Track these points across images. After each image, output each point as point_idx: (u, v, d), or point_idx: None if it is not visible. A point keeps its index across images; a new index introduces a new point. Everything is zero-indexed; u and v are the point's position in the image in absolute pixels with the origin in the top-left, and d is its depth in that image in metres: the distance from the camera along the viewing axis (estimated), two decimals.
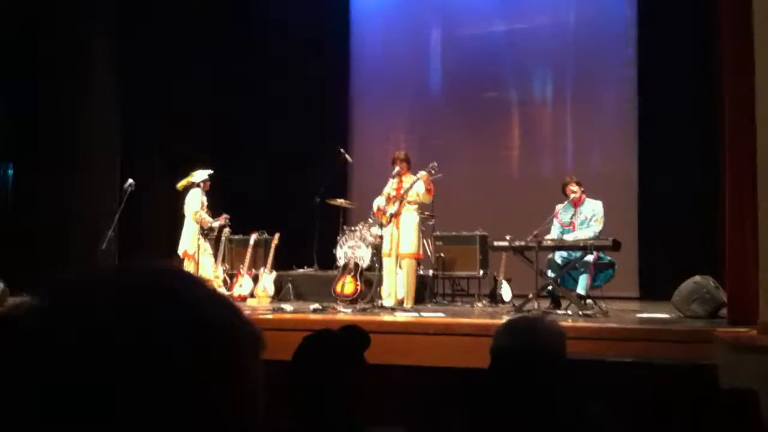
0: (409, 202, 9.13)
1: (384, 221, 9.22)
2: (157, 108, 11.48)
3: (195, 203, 9.93)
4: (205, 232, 10.07)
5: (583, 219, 8.92)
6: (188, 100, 12.04)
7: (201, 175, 10.05)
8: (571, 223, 8.97)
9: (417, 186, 9.07)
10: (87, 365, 0.69)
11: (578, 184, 9.01)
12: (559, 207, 9.07)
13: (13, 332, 0.73)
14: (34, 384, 0.69)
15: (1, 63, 10.47)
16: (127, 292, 0.75)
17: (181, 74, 11.90)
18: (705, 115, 9.57)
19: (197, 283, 0.81)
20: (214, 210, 10.21)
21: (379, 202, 9.35)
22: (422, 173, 9.09)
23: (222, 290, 9.50)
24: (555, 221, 9.06)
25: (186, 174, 10.13)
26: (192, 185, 10.04)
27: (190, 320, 0.75)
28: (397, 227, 9.08)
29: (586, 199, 9.00)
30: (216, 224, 10.15)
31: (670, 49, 11.37)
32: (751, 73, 6.45)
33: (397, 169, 9.27)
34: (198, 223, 9.90)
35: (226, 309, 0.80)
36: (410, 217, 9.13)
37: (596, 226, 8.80)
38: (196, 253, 9.82)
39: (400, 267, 9.10)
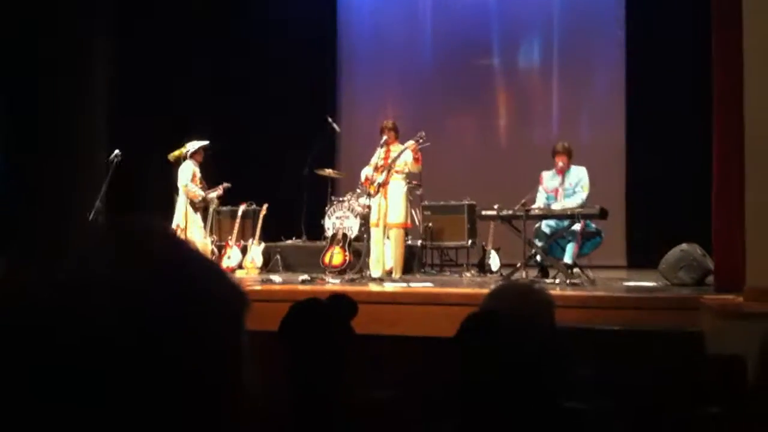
0: (396, 172, 9.11)
1: (372, 191, 9.20)
2: (154, 105, 11.44)
3: (185, 176, 9.84)
4: (196, 205, 9.97)
5: (567, 185, 8.91)
6: (181, 69, 12.00)
7: (193, 145, 9.94)
8: (555, 190, 8.96)
9: (405, 155, 9.04)
10: (79, 354, 0.68)
11: (569, 153, 8.95)
12: (545, 174, 9.07)
13: None
14: (22, 370, 0.68)
15: (0, 62, 10.39)
16: (118, 276, 0.73)
17: (177, 67, 11.87)
18: (694, 82, 9.56)
19: (183, 249, 0.79)
20: (207, 182, 10.13)
21: (366, 171, 9.33)
22: (410, 142, 9.06)
23: None
24: (540, 188, 9.05)
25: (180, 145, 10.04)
26: (184, 156, 9.94)
27: (182, 301, 0.73)
28: (385, 197, 9.05)
29: (572, 166, 8.99)
30: (213, 195, 10.02)
31: (659, 19, 11.35)
32: (740, 43, 6.43)
33: (384, 138, 9.23)
34: (188, 196, 9.82)
35: (215, 279, 0.79)
36: (398, 187, 9.11)
37: (582, 193, 8.80)
38: (186, 226, 9.76)
39: (388, 237, 9.10)
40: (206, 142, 10.01)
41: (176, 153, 9.95)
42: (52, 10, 10.54)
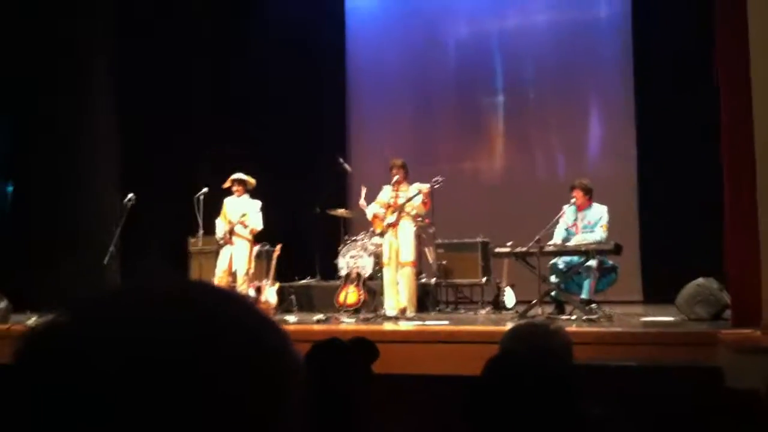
0: (406, 213, 9.15)
1: (379, 230, 9.23)
2: (157, 113, 11.51)
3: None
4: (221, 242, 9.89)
5: (586, 223, 8.89)
6: (187, 110, 12.09)
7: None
8: (574, 225, 8.95)
9: (415, 199, 9.10)
10: (138, 398, 0.68)
11: (584, 189, 8.94)
12: (566, 208, 9.03)
13: (51, 354, 0.71)
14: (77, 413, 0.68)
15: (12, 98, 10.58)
16: (179, 321, 0.73)
17: (181, 84, 11.95)
18: (706, 114, 9.54)
19: (250, 310, 0.79)
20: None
21: (374, 209, 9.36)
22: (425, 186, 9.10)
23: None
24: (561, 221, 9.02)
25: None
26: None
27: (245, 356, 0.73)
28: (396, 237, 9.09)
29: (593, 204, 8.97)
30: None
31: (668, 49, 11.36)
32: (747, 75, 6.45)
33: (396, 177, 9.27)
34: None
35: (277, 341, 0.78)
36: (408, 227, 9.14)
37: (602, 232, 8.76)
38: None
39: (400, 276, 9.09)
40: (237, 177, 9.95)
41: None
42: (51, 12, 10.71)
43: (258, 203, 9.82)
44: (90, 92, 11.26)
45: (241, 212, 9.69)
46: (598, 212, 8.92)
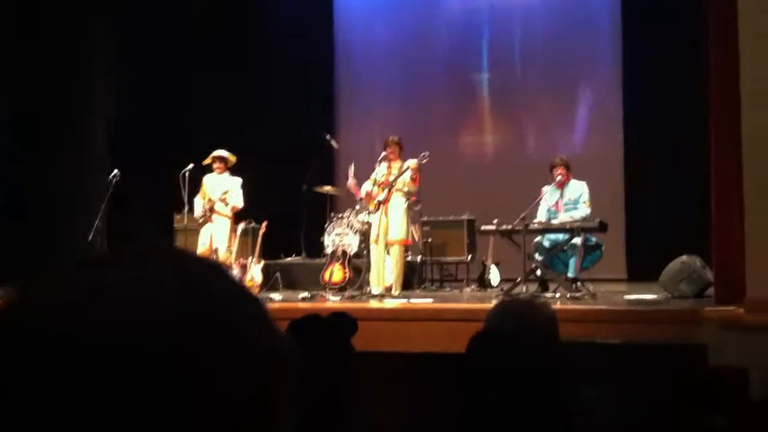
0: (397, 190, 9.12)
1: (372, 207, 9.20)
2: (153, 122, 11.48)
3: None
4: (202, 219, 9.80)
5: (567, 200, 8.93)
6: (173, 82, 12.05)
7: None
8: (556, 204, 8.98)
9: (405, 175, 9.08)
10: (121, 385, 0.64)
11: (565, 166, 9.00)
12: (545, 188, 9.08)
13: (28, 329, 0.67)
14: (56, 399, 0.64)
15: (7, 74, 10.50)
16: (173, 307, 0.68)
17: (176, 84, 11.91)
18: (693, 93, 9.55)
19: (239, 292, 0.75)
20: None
21: (367, 187, 9.33)
22: (412, 162, 9.08)
23: None
24: (542, 202, 9.06)
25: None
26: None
27: (236, 345, 0.70)
28: (386, 214, 9.06)
29: (572, 180, 9.01)
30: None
31: (656, 28, 11.35)
32: (736, 53, 6.44)
33: (385, 153, 9.24)
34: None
35: (270, 331, 0.75)
36: (398, 203, 9.12)
37: (585, 209, 8.80)
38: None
39: (388, 253, 9.09)
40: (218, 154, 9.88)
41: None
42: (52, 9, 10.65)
43: (239, 180, 9.76)
44: (87, 70, 11.25)
45: (222, 190, 9.63)
46: (578, 188, 8.96)
